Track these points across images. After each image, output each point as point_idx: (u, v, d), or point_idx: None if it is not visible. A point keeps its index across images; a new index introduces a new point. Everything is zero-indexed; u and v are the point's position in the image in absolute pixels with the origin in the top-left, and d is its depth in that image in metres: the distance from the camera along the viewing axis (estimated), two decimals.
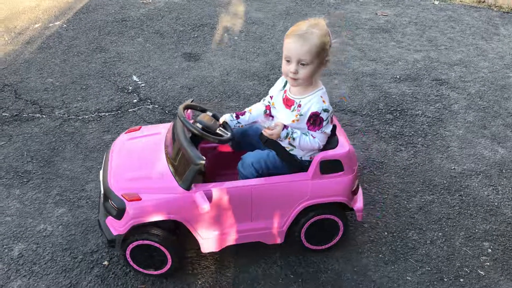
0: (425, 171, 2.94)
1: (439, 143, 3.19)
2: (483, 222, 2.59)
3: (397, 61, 4.19)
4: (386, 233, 2.50)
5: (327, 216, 2.23)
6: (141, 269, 2.19)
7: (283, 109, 2.10)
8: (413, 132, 3.29)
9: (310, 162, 2.11)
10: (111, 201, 2.04)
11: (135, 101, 3.54)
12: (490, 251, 2.43)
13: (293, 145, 2.08)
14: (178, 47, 4.34)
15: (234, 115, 2.23)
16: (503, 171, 2.97)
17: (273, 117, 2.20)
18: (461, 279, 2.27)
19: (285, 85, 2.14)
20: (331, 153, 2.09)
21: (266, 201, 2.11)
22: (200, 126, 2.05)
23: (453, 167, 2.98)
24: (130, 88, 3.70)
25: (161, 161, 2.13)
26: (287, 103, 2.09)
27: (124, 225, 2.02)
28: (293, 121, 2.05)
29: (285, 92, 2.11)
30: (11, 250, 2.36)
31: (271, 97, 2.19)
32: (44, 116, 3.37)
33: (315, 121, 2.02)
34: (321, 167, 2.08)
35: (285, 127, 2.02)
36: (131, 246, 2.09)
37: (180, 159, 2.04)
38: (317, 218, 2.22)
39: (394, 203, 2.69)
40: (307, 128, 2.05)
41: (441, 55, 4.31)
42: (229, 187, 2.05)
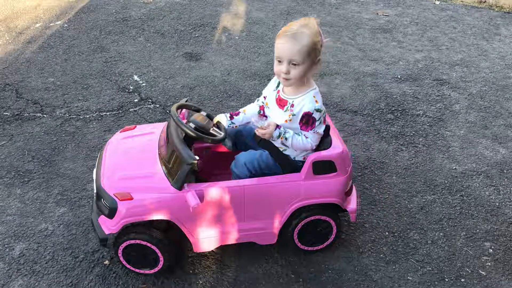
0: (426, 171, 2.94)
1: (440, 143, 3.19)
2: (484, 222, 2.59)
3: (398, 61, 4.19)
4: (387, 233, 2.50)
5: (320, 217, 2.21)
6: (133, 268, 2.19)
7: (277, 109, 2.10)
8: (414, 132, 3.28)
9: (303, 162, 2.10)
10: (104, 200, 2.05)
11: (136, 100, 3.54)
12: (491, 251, 2.42)
13: (286, 145, 2.08)
14: (179, 46, 4.34)
15: (228, 115, 2.23)
16: (504, 171, 2.96)
17: (267, 117, 2.19)
18: (462, 279, 2.27)
19: (278, 85, 2.13)
20: (324, 154, 2.08)
21: (258, 202, 2.11)
22: (193, 125, 2.05)
23: (454, 167, 2.98)
24: (131, 87, 3.70)
25: (154, 160, 2.12)
26: (280, 103, 2.08)
27: (116, 224, 2.02)
28: (286, 121, 2.04)
29: (278, 92, 2.11)
30: (12, 249, 2.36)
31: (265, 97, 2.19)
32: (45, 115, 3.37)
33: (307, 121, 2.01)
34: (314, 168, 2.07)
35: (278, 127, 2.02)
36: (123, 245, 2.10)
37: (172, 159, 2.04)
38: (310, 219, 2.20)
39: (395, 203, 2.69)
40: (300, 128, 2.04)
41: (442, 55, 4.31)
42: (221, 187, 2.05)
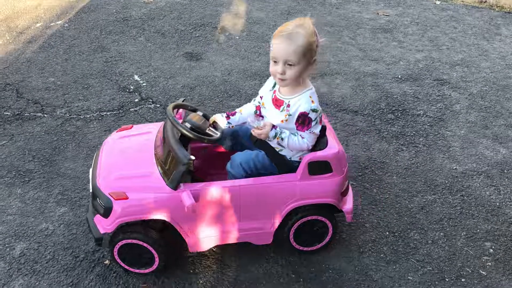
0: (426, 171, 2.94)
1: (441, 143, 3.19)
2: (484, 222, 2.59)
3: (399, 61, 4.19)
4: (387, 233, 2.50)
5: (316, 217, 2.21)
6: (129, 268, 2.19)
7: (273, 109, 2.09)
8: (414, 132, 3.28)
9: (299, 162, 2.10)
10: (99, 200, 2.05)
11: (136, 100, 3.55)
12: (491, 251, 2.42)
13: (282, 146, 2.07)
14: (179, 46, 4.34)
15: (224, 115, 2.23)
16: (505, 171, 2.96)
17: (263, 117, 2.18)
18: (463, 279, 2.27)
19: (274, 85, 2.13)
20: (320, 154, 2.08)
21: (254, 202, 2.10)
22: (188, 125, 2.04)
23: (454, 167, 2.98)
24: (131, 87, 3.70)
25: (150, 160, 2.12)
26: (277, 103, 2.08)
27: (111, 223, 2.02)
28: (282, 121, 2.04)
29: (275, 92, 2.10)
30: (13, 249, 2.37)
31: (261, 97, 2.18)
32: (45, 115, 3.37)
33: (303, 121, 2.01)
34: (310, 168, 2.07)
35: (274, 127, 2.02)
36: (119, 244, 2.10)
37: (168, 159, 2.04)
38: (306, 219, 2.20)
39: (395, 203, 2.69)
40: (296, 128, 2.03)
41: (443, 55, 4.31)
42: (217, 187, 2.05)
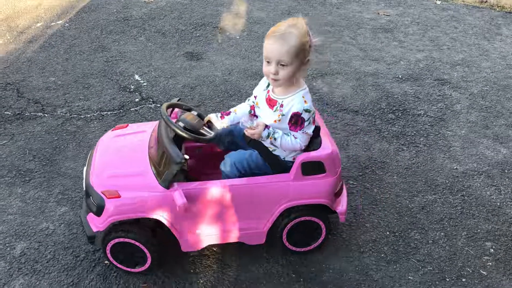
0: (427, 171, 2.93)
1: (441, 143, 3.19)
2: (485, 222, 2.59)
3: (399, 60, 4.19)
4: (388, 233, 2.49)
5: (309, 218, 2.21)
6: (121, 266, 2.19)
7: (266, 109, 2.09)
8: (415, 131, 3.28)
9: (293, 162, 2.10)
10: (92, 198, 2.05)
11: (137, 100, 3.54)
12: (492, 251, 2.42)
13: (275, 145, 2.07)
14: (180, 46, 4.34)
15: (219, 115, 2.22)
16: (506, 171, 2.96)
17: (257, 116, 2.18)
18: (463, 279, 2.27)
19: (268, 85, 2.13)
20: (313, 155, 2.07)
21: (247, 201, 2.10)
22: (182, 125, 2.04)
23: (455, 167, 2.98)
24: (132, 87, 3.70)
25: (143, 159, 2.13)
26: (270, 103, 2.08)
27: (103, 222, 2.03)
28: (275, 121, 2.04)
29: (268, 92, 2.10)
30: (13, 248, 2.37)
31: (255, 97, 2.18)
32: (46, 115, 3.37)
33: (296, 121, 2.01)
34: (303, 169, 2.07)
35: (267, 127, 2.02)
36: (111, 243, 2.10)
37: (161, 158, 2.04)
38: (299, 220, 2.20)
39: (396, 202, 2.69)
40: (289, 128, 2.03)
41: (443, 55, 4.30)
42: (210, 186, 2.05)
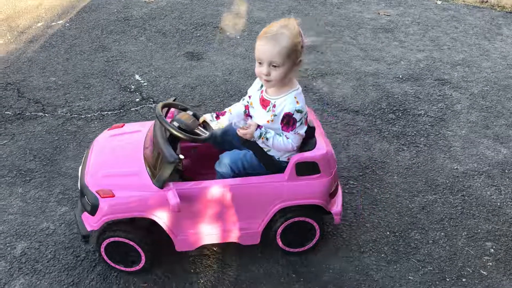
0: (427, 171, 2.93)
1: (442, 143, 3.19)
2: (485, 222, 2.59)
3: (400, 60, 4.19)
4: (388, 233, 2.49)
5: (303, 218, 2.20)
6: (116, 266, 2.20)
7: (260, 109, 2.10)
8: (415, 132, 3.28)
9: (287, 163, 2.10)
10: (86, 197, 2.06)
11: (137, 100, 3.55)
12: (492, 251, 2.42)
13: (267, 145, 2.08)
14: (180, 46, 4.34)
15: (214, 115, 2.22)
16: (506, 171, 2.96)
17: (251, 116, 2.18)
18: (464, 279, 2.27)
19: (262, 85, 2.12)
20: (307, 155, 2.07)
21: (241, 202, 2.10)
22: (177, 124, 2.04)
23: (455, 167, 2.98)
24: (132, 87, 3.71)
25: (138, 158, 2.13)
26: (263, 103, 2.08)
27: (97, 221, 2.03)
28: (268, 121, 2.04)
29: (262, 92, 2.10)
30: (14, 248, 2.37)
31: (250, 97, 2.18)
32: (46, 114, 3.37)
33: (288, 122, 2.01)
34: (297, 169, 2.07)
35: (259, 127, 2.02)
36: (106, 242, 2.11)
37: (156, 157, 2.04)
38: (293, 220, 2.19)
39: (396, 202, 2.69)
40: (281, 128, 2.04)
41: (444, 55, 4.30)
42: (204, 186, 2.05)
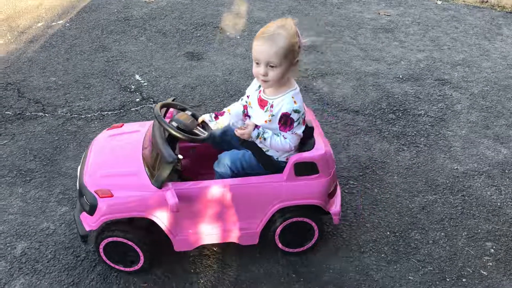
0: (427, 171, 2.93)
1: (442, 143, 3.19)
2: (485, 222, 2.59)
3: (400, 60, 4.19)
4: (388, 233, 2.49)
5: (302, 219, 2.20)
6: (115, 265, 2.20)
7: (258, 109, 2.10)
8: (415, 132, 3.28)
9: (286, 163, 2.09)
10: (85, 197, 2.06)
11: (137, 100, 3.55)
12: (492, 251, 2.42)
13: (265, 145, 2.07)
14: (180, 46, 4.34)
15: (213, 115, 2.22)
16: (506, 171, 2.96)
17: (250, 116, 2.18)
18: (464, 279, 2.27)
19: (260, 85, 2.13)
20: (306, 155, 2.07)
21: (239, 202, 2.10)
22: (175, 124, 2.04)
23: (455, 167, 2.98)
24: (132, 87, 3.71)
25: (137, 158, 2.13)
26: (261, 103, 2.08)
27: (96, 221, 2.03)
28: (266, 121, 2.04)
29: (260, 92, 2.10)
30: (14, 248, 2.37)
31: (248, 96, 2.18)
32: (47, 114, 3.37)
33: (285, 122, 2.01)
34: (296, 169, 2.07)
35: (257, 127, 2.02)
36: (104, 242, 2.11)
37: (154, 157, 2.04)
38: (292, 220, 2.19)
39: (396, 202, 2.69)
40: (279, 128, 2.04)
41: (444, 55, 4.30)
42: (203, 186, 2.05)
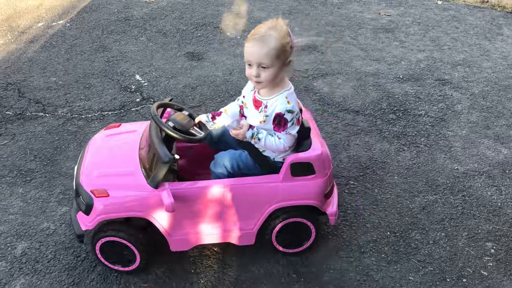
0: (428, 171, 2.93)
1: (442, 143, 3.19)
2: (486, 222, 2.59)
3: (400, 61, 4.19)
4: (388, 233, 2.49)
5: (298, 219, 2.20)
6: (111, 265, 2.20)
7: (253, 110, 2.10)
8: (416, 132, 3.28)
9: (282, 163, 2.09)
10: (81, 197, 2.06)
11: (138, 100, 3.55)
12: (493, 251, 2.42)
13: (260, 146, 2.08)
14: (181, 46, 4.34)
15: (210, 115, 2.22)
16: (506, 171, 2.96)
17: (245, 117, 2.18)
18: (464, 280, 2.27)
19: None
20: (302, 156, 2.07)
21: (236, 202, 2.10)
22: (172, 124, 2.04)
23: (456, 167, 2.97)
24: (133, 87, 3.71)
25: (134, 159, 2.13)
26: (256, 104, 2.08)
27: (92, 220, 2.03)
28: (261, 122, 2.05)
29: (255, 93, 2.10)
30: (14, 248, 2.37)
31: (244, 97, 2.18)
32: (47, 114, 3.37)
33: (279, 122, 2.01)
34: (292, 170, 2.06)
35: (251, 127, 2.02)
36: (101, 241, 2.11)
37: (151, 157, 2.04)
38: (288, 221, 2.19)
39: (396, 203, 2.69)
40: (273, 129, 2.04)
41: (444, 55, 4.30)
42: (199, 186, 2.05)
